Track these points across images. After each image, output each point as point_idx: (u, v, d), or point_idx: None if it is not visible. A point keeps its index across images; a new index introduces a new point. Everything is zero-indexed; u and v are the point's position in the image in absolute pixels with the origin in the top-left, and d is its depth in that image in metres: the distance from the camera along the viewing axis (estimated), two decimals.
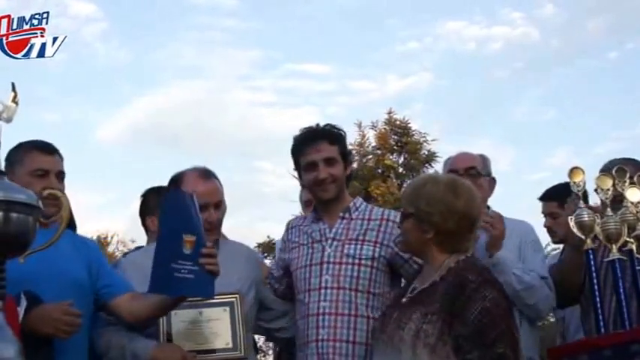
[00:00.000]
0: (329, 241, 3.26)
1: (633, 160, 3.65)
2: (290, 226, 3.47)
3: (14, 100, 2.27)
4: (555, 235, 4.55)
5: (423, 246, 2.81)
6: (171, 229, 2.83)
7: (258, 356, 6.95)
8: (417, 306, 2.68)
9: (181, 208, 2.85)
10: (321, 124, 3.38)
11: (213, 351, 3.00)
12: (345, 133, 3.40)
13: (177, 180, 3.27)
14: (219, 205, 3.24)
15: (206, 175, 3.28)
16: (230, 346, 3.00)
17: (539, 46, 28.35)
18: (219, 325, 3.02)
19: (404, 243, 2.93)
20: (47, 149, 3.13)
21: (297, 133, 3.37)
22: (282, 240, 3.50)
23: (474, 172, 3.73)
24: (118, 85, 31.35)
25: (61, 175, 3.13)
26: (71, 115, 30.30)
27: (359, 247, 3.22)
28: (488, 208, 3.66)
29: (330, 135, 3.33)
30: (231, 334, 3.00)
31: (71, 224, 3.17)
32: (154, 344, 3.00)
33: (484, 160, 3.86)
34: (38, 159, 3.07)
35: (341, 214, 3.30)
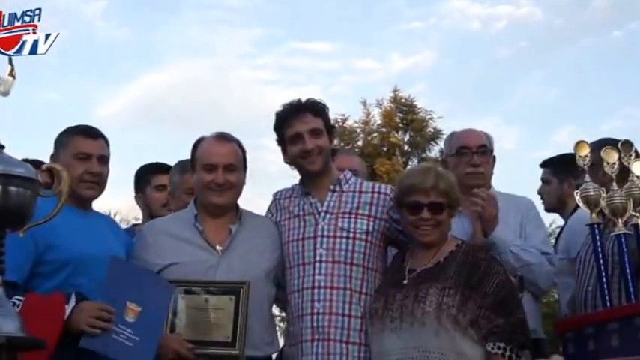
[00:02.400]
0: (322, 215, 3.23)
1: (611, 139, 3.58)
2: (277, 198, 3.43)
3: (11, 74, 2.26)
4: (544, 202, 4.57)
5: (446, 233, 3.06)
6: (114, 295, 2.87)
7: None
8: (429, 283, 2.90)
9: (129, 277, 2.92)
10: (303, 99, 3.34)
11: (212, 343, 2.98)
12: (327, 106, 3.37)
13: (196, 144, 3.28)
14: (231, 169, 3.18)
15: (221, 137, 3.27)
16: (229, 340, 2.96)
17: (543, 25, 28.03)
18: (222, 315, 2.99)
19: (437, 234, 3.02)
20: (90, 134, 3.21)
21: (280, 107, 3.33)
22: (268, 211, 3.43)
23: (484, 150, 3.71)
24: (119, 63, 31.06)
25: (103, 159, 3.20)
26: (72, 93, 30.06)
27: (353, 220, 3.21)
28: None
29: (314, 107, 3.30)
30: (232, 328, 2.97)
31: None
32: None
33: (489, 137, 3.83)
34: (81, 143, 3.15)
35: (331, 187, 3.28)
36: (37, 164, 3.16)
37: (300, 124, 3.23)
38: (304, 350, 3.10)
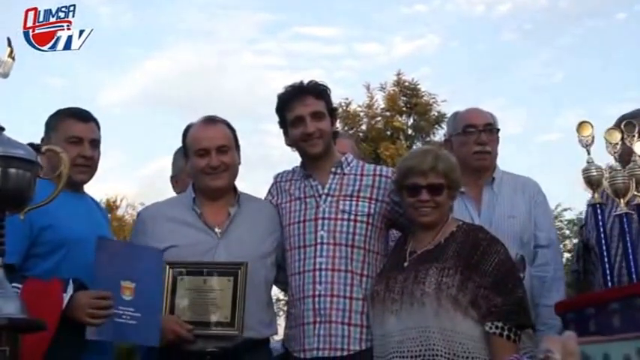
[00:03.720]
0: (323, 197, 3.23)
1: None
2: (277, 180, 3.42)
3: (10, 56, 2.25)
4: None
5: (447, 214, 3.04)
6: (107, 277, 2.85)
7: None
8: (429, 264, 2.89)
9: (117, 256, 2.90)
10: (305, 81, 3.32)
11: (211, 324, 3.01)
12: (330, 89, 3.35)
13: (186, 131, 3.29)
14: (224, 150, 3.18)
15: (209, 121, 3.26)
16: (228, 320, 2.99)
17: (547, 8, 28.03)
18: (221, 297, 3.01)
19: (436, 215, 3.00)
20: (82, 117, 3.18)
21: (281, 90, 3.32)
22: (269, 193, 3.42)
23: (491, 128, 3.68)
24: (123, 48, 31.16)
25: (94, 142, 3.18)
26: (77, 79, 30.18)
27: (354, 203, 3.20)
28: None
29: (316, 90, 3.29)
30: (231, 308, 3.00)
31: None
32: None
33: (493, 117, 3.80)
34: (72, 127, 3.13)
35: (332, 170, 3.27)
36: (35, 147, 3.17)
37: (301, 107, 3.22)
38: (306, 332, 3.11)
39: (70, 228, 2.99)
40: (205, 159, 3.15)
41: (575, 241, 4.15)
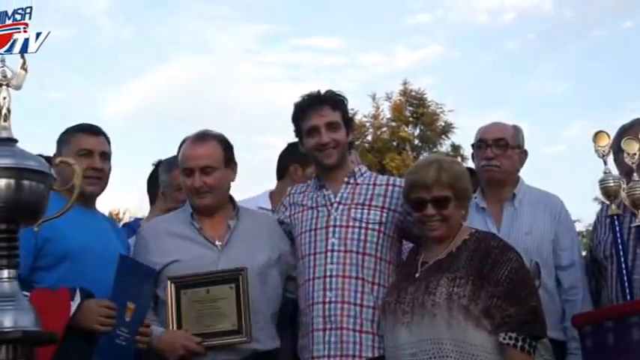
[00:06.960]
0: (334, 205, 3.21)
1: None
2: (291, 192, 3.41)
3: (23, 67, 2.24)
4: None
5: (458, 224, 2.98)
6: (119, 296, 2.86)
7: None
8: (440, 274, 2.85)
9: (130, 275, 2.91)
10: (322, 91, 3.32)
11: (219, 334, 3.00)
12: (346, 99, 3.34)
13: (180, 146, 3.30)
14: (207, 171, 3.14)
15: (199, 138, 3.24)
16: (235, 328, 2.98)
17: (552, 17, 28.03)
18: (225, 305, 3.01)
19: (445, 228, 2.95)
20: (91, 130, 3.25)
21: (298, 99, 3.32)
22: (282, 205, 3.41)
23: (502, 144, 3.64)
24: (123, 60, 31.15)
25: (105, 155, 3.23)
26: (77, 91, 30.18)
27: (366, 211, 3.18)
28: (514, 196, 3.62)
29: (333, 100, 3.28)
30: (237, 315, 2.99)
31: None
32: (160, 332, 3.02)
33: (516, 131, 3.74)
34: (82, 140, 3.20)
35: (345, 179, 3.26)
36: (46, 159, 3.14)
37: (317, 117, 3.21)
38: (315, 339, 3.07)
39: (73, 239, 2.97)
40: (190, 178, 3.16)
41: (584, 253, 4.04)
